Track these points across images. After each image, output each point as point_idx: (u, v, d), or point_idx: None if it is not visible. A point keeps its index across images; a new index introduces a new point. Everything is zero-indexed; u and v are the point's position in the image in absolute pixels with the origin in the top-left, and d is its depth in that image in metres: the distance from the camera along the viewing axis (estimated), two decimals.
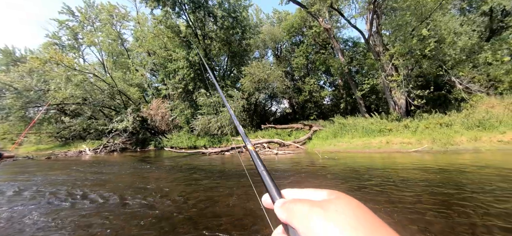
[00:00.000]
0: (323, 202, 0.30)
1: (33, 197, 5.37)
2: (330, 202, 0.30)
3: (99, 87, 21.29)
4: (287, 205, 0.32)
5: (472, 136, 9.32)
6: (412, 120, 12.14)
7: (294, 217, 0.30)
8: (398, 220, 3.23)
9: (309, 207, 0.29)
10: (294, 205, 0.31)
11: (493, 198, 3.80)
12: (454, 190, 4.38)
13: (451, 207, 3.58)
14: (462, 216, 3.22)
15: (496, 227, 2.84)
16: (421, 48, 11.55)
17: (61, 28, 25.34)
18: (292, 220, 0.30)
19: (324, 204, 0.29)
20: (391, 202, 3.90)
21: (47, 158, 15.76)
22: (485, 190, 4.26)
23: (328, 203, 0.29)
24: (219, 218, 3.67)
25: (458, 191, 4.28)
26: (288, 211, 0.31)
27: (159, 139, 19.85)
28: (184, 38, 18.80)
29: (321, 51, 21.50)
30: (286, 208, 0.32)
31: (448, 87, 13.61)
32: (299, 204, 0.31)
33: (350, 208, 0.28)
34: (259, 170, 0.41)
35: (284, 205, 0.32)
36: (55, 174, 8.46)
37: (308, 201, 0.31)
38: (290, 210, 0.31)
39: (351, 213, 0.27)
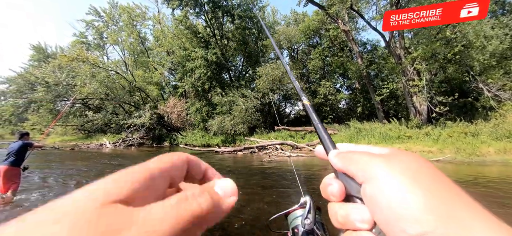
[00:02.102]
0: (385, 154, 0.29)
1: (57, 184, 5.75)
2: (392, 154, 0.29)
3: (121, 84, 22.30)
4: (344, 154, 0.31)
5: (501, 148, 8.69)
6: (434, 128, 11.53)
7: (352, 164, 0.29)
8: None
9: (369, 156, 0.29)
10: (352, 154, 0.30)
11: None
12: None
13: None
14: None
15: None
16: (445, 52, 10.94)
17: (87, 28, 26.88)
18: (349, 166, 0.29)
19: (386, 155, 0.28)
20: None
21: (71, 149, 16.76)
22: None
23: (392, 155, 0.28)
24: (229, 218, 3.72)
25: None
26: (345, 159, 0.30)
27: (174, 136, 20.41)
28: (202, 38, 19.22)
29: (339, 53, 21.05)
30: (343, 156, 0.31)
31: (475, 94, 12.78)
32: (358, 154, 0.30)
33: (416, 162, 0.27)
34: (314, 123, 0.43)
35: (341, 154, 0.32)
36: (77, 165, 8.98)
37: (368, 152, 0.31)
38: (347, 158, 0.30)
39: (417, 165, 0.26)
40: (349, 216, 0.28)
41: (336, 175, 0.32)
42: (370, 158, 0.28)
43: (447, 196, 0.23)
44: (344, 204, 0.30)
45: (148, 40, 26.48)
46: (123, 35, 24.28)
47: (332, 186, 0.31)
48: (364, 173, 0.27)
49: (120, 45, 25.27)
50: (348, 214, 0.28)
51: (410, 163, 0.27)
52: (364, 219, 0.27)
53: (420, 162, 0.27)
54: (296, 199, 0.64)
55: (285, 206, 2.54)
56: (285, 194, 4.91)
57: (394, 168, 0.26)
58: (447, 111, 11.41)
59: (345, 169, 0.30)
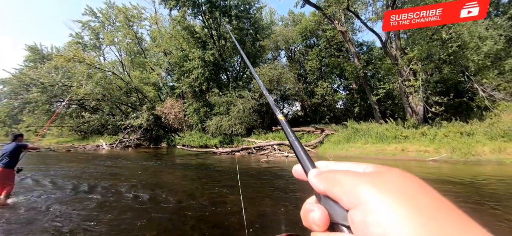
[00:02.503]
0: (373, 172, 0.27)
1: (51, 187, 5.68)
2: (379, 173, 0.26)
3: (117, 84, 22.15)
4: (326, 175, 0.28)
5: (495, 147, 8.80)
6: (430, 128, 11.63)
7: (335, 186, 0.26)
8: None
9: (354, 176, 0.26)
10: (335, 174, 0.27)
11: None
12: (475, 203, 4.16)
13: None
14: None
15: None
16: (441, 53, 11.06)
17: (84, 28, 26.66)
18: (333, 189, 0.26)
19: (373, 174, 0.26)
20: None
21: (67, 151, 16.60)
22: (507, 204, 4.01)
23: (378, 174, 0.26)
24: (228, 217, 3.71)
25: (478, 206, 4.06)
26: (328, 180, 0.27)
27: (171, 137, 20.33)
28: (199, 39, 19.18)
29: (336, 54, 21.15)
30: (325, 176, 0.28)
31: (470, 94, 12.93)
32: (342, 174, 0.27)
33: (406, 180, 0.24)
34: (290, 140, 0.38)
35: (322, 175, 0.29)
36: (73, 167, 8.89)
37: (353, 171, 0.28)
38: (330, 179, 0.27)
39: (408, 185, 0.24)
40: None
41: (317, 199, 0.29)
42: (356, 179, 0.25)
43: (443, 221, 0.20)
44: (328, 234, 0.26)
45: (145, 41, 26.35)
46: (119, 36, 24.11)
47: (314, 213, 0.27)
48: (350, 197, 0.24)
49: (116, 45, 25.10)
50: None
51: (399, 182, 0.24)
52: None
53: (410, 181, 0.24)
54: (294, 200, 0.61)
55: (281, 208, 2.55)
56: (281, 198, 4.92)
57: (384, 190, 0.23)
58: (443, 111, 11.52)
59: (328, 192, 0.27)
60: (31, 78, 21.76)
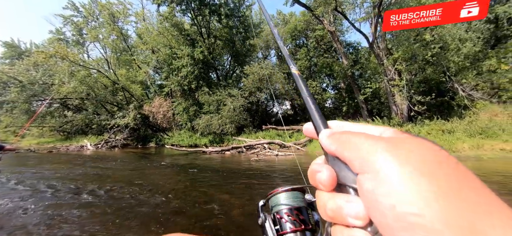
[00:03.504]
0: (392, 139, 0.24)
1: (31, 190, 5.42)
2: (401, 140, 0.23)
3: (102, 83, 21.40)
4: (339, 136, 0.26)
5: (474, 144, 9.27)
6: (414, 126, 12.09)
7: (348, 149, 0.24)
8: None
9: (372, 140, 0.23)
10: (349, 136, 0.25)
11: None
12: None
13: None
14: None
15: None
16: (424, 54, 11.51)
17: (65, 23, 25.52)
18: (345, 151, 0.24)
19: (393, 140, 0.23)
20: None
21: (48, 152, 15.87)
22: None
23: (399, 141, 0.22)
24: (215, 217, 3.69)
25: None
26: (340, 141, 0.25)
27: (160, 137, 19.93)
28: (188, 36, 18.88)
29: (325, 54, 21.49)
30: (338, 137, 0.26)
31: (451, 93, 13.55)
32: (357, 136, 0.24)
33: (429, 152, 0.21)
34: (303, 96, 0.36)
35: (334, 135, 0.27)
36: (55, 168, 8.53)
37: (369, 134, 0.25)
38: (343, 140, 0.25)
39: (431, 158, 0.20)
40: (340, 210, 0.24)
41: (326, 159, 0.28)
42: (372, 143, 0.23)
43: (471, 202, 0.17)
44: (335, 194, 0.25)
45: (131, 38, 25.60)
46: (104, 32, 23.27)
47: (322, 173, 0.26)
48: (363, 162, 0.22)
49: (101, 42, 24.22)
50: (340, 207, 0.24)
51: (423, 153, 0.21)
52: (359, 215, 0.22)
53: (436, 152, 0.21)
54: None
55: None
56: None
57: (403, 159, 0.20)
58: (425, 110, 12.01)
59: (339, 154, 0.25)
60: (8, 76, 20.61)
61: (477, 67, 12.49)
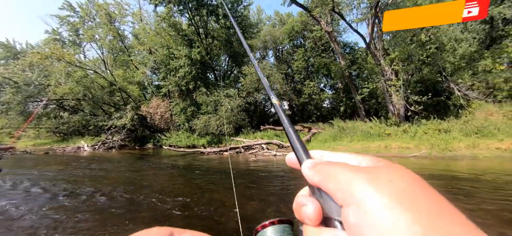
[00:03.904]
0: (371, 168, 0.25)
1: (27, 192, 5.37)
2: (380, 170, 0.24)
3: (99, 83, 21.26)
4: (321, 167, 0.27)
5: (470, 143, 9.36)
6: (411, 125, 12.17)
7: (330, 180, 0.24)
8: None
9: (352, 172, 0.24)
10: (331, 167, 0.26)
11: (481, 204, 3.83)
12: (451, 198, 4.41)
13: None
14: None
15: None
16: (420, 54, 11.61)
17: (62, 24, 25.32)
18: (327, 183, 0.25)
19: (372, 171, 0.24)
20: None
21: (45, 153, 15.73)
22: (479, 198, 4.29)
23: (378, 171, 0.23)
24: (213, 219, 3.68)
25: (456, 199, 4.31)
26: (322, 173, 0.26)
27: (158, 137, 19.85)
28: (186, 37, 18.84)
29: (322, 54, 21.56)
30: (319, 169, 0.26)
31: (447, 93, 13.66)
32: (338, 167, 0.25)
33: (407, 181, 0.22)
34: (284, 126, 0.36)
35: (317, 166, 0.27)
36: (52, 170, 8.45)
37: (350, 165, 0.26)
38: (325, 172, 0.26)
39: (409, 187, 0.21)
40: None
41: (311, 191, 0.28)
42: (353, 175, 0.23)
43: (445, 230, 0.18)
44: (321, 229, 0.25)
45: (128, 39, 25.46)
46: (100, 33, 23.12)
47: (307, 207, 0.26)
48: (345, 194, 0.23)
49: (98, 43, 24.06)
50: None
51: (399, 182, 0.22)
52: None
53: (410, 181, 0.22)
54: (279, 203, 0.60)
55: (271, 203, 2.57)
56: (270, 194, 4.95)
57: (384, 190, 0.21)
58: (422, 110, 12.10)
59: (322, 186, 0.25)
60: (3, 77, 20.39)
61: (472, 67, 12.61)
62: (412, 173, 0.24)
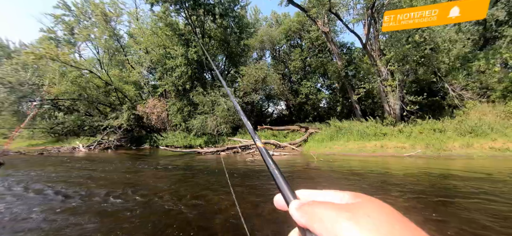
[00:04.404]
0: (351, 206, 0.27)
1: (20, 194, 5.29)
2: (359, 206, 0.26)
3: (95, 83, 21.04)
4: (307, 208, 0.29)
5: (464, 143, 9.49)
6: (406, 125, 12.30)
7: (315, 221, 0.26)
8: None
9: (334, 211, 0.26)
10: (315, 208, 0.28)
11: (479, 206, 3.89)
12: (445, 196, 4.47)
13: (438, 210, 3.65)
14: (451, 221, 3.29)
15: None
16: (415, 54, 11.73)
17: (57, 22, 24.98)
18: (313, 224, 0.26)
19: (352, 208, 0.26)
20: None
21: (39, 154, 15.51)
22: (474, 197, 4.35)
23: (357, 207, 0.26)
24: (210, 219, 3.67)
25: (448, 199, 4.36)
26: (308, 214, 0.28)
27: (154, 138, 19.72)
28: (183, 36, 18.75)
29: (319, 54, 21.65)
30: (306, 210, 0.28)
31: (442, 93, 13.84)
32: (322, 207, 0.27)
33: (384, 214, 0.25)
34: (270, 169, 0.38)
35: (303, 207, 0.29)
36: (46, 171, 8.34)
37: (332, 204, 0.28)
38: (310, 213, 0.28)
39: (385, 220, 0.24)
40: None
41: (300, 233, 0.29)
42: (335, 215, 0.26)
43: None
44: None
45: (124, 38, 25.24)
46: (96, 32, 22.87)
47: None
48: (330, 233, 0.25)
49: (93, 42, 23.80)
50: None
51: (380, 218, 0.24)
52: None
53: (390, 218, 0.25)
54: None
55: (268, 205, 2.56)
56: (267, 193, 4.95)
57: (362, 226, 0.23)
58: (417, 110, 12.24)
59: (309, 227, 0.27)
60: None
61: (466, 67, 12.79)
62: (388, 207, 0.26)
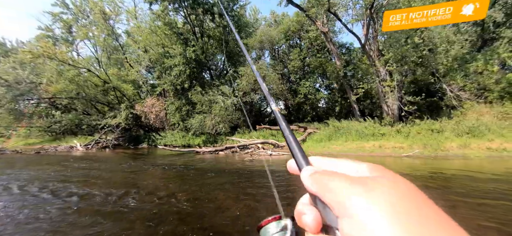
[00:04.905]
0: (366, 179, 0.25)
1: (17, 192, 5.25)
2: (375, 180, 0.24)
3: (93, 82, 20.94)
4: (319, 176, 0.27)
5: (461, 143, 9.54)
6: (404, 125, 12.34)
7: (327, 191, 0.25)
8: None
9: (347, 183, 0.25)
10: (328, 177, 0.26)
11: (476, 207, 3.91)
12: (440, 197, 4.49)
13: None
14: None
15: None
16: (414, 55, 11.77)
17: (55, 21, 24.82)
18: (325, 194, 0.26)
19: (367, 182, 0.24)
20: None
21: (36, 153, 15.42)
22: (472, 198, 4.37)
23: (373, 182, 0.24)
24: (210, 218, 3.67)
25: (445, 200, 4.38)
26: (320, 183, 0.27)
27: (152, 137, 19.66)
28: (181, 35, 18.70)
29: (318, 54, 21.66)
30: (317, 179, 0.27)
31: (439, 94, 13.90)
32: (335, 178, 0.26)
33: (402, 191, 0.23)
34: (285, 134, 0.37)
35: (315, 175, 0.28)
36: (43, 170, 8.28)
37: (346, 176, 0.26)
38: (322, 182, 0.26)
39: (403, 197, 0.22)
40: None
41: (311, 200, 0.29)
42: (349, 188, 0.24)
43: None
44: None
45: (121, 37, 25.11)
46: (94, 30, 22.75)
47: (307, 216, 0.27)
48: (341, 207, 0.23)
49: (91, 41, 23.68)
50: None
51: (396, 195, 0.22)
52: None
53: (409, 196, 0.23)
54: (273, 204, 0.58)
55: (265, 204, 2.56)
56: (265, 194, 4.95)
57: (377, 203, 0.22)
58: (415, 110, 12.28)
59: (319, 196, 0.26)
60: None
61: (464, 68, 12.85)
62: (407, 182, 0.24)
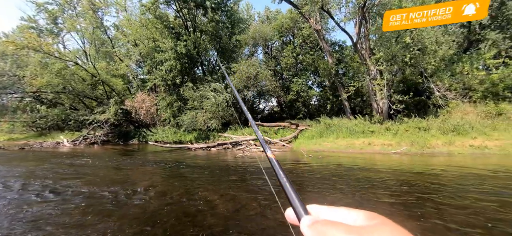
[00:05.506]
0: (364, 229, 0.26)
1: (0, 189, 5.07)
2: (373, 230, 0.25)
3: (80, 76, 20.29)
4: (319, 227, 0.28)
5: (447, 140, 9.88)
6: (393, 123, 12.65)
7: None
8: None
9: (346, 233, 0.25)
10: (327, 228, 0.27)
11: (454, 200, 4.08)
12: (425, 192, 4.65)
13: (422, 206, 3.80)
14: (431, 216, 3.43)
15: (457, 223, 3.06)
16: (404, 55, 12.05)
17: (39, 11, 23.78)
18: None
19: (365, 232, 0.25)
20: (367, 200, 4.07)
21: (20, 149, 14.87)
22: (456, 191, 4.55)
23: (371, 232, 0.25)
24: (200, 215, 3.66)
25: (430, 194, 4.54)
26: (320, 234, 0.27)
27: (143, 133, 19.33)
28: (173, 29, 18.34)
29: (310, 52, 21.80)
30: (317, 229, 0.28)
31: (427, 93, 14.31)
32: (333, 228, 0.27)
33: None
34: (282, 182, 0.36)
35: (314, 225, 0.29)
36: (27, 166, 8.01)
37: (345, 226, 0.27)
38: (322, 233, 0.27)
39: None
40: None
41: None
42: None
43: None
44: None
45: (110, 30, 24.39)
46: (82, 22, 21.99)
47: None
48: None
49: (79, 33, 22.88)
50: None
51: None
52: None
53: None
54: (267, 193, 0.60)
55: (258, 201, 2.56)
56: (257, 190, 4.98)
57: None
58: (404, 108, 12.61)
59: None
60: None
61: (451, 69, 13.27)
62: (402, 230, 0.25)
